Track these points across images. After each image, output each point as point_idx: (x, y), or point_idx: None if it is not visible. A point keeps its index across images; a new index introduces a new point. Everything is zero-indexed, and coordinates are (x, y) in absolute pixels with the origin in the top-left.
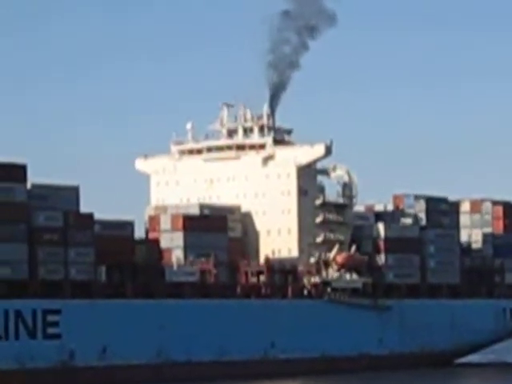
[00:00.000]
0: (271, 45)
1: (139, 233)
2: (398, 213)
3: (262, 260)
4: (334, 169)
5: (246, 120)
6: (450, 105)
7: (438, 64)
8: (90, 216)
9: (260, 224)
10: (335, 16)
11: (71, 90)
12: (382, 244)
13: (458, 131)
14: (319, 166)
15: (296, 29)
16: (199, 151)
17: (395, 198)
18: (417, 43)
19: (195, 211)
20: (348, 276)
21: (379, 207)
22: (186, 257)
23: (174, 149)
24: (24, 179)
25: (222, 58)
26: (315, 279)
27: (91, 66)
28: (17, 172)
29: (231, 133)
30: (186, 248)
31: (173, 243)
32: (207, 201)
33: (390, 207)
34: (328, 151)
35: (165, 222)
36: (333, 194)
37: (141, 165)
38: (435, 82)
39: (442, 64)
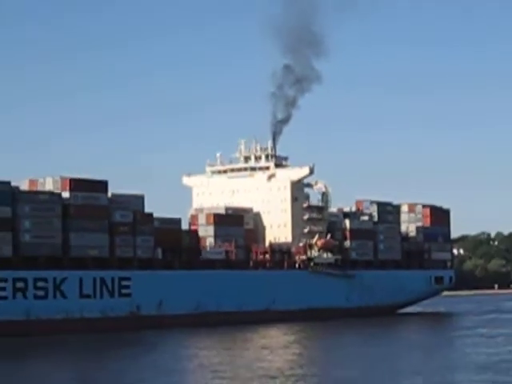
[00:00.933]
0: (275, 91)
1: (184, 226)
2: (358, 213)
3: (267, 244)
4: (316, 183)
5: (256, 150)
6: (395, 141)
7: (386, 109)
8: (150, 215)
9: (266, 220)
10: (321, 76)
11: (142, 133)
12: (347, 233)
13: (398, 158)
14: (306, 181)
15: (294, 79)
16: (225, 171)
17: (357, 202)
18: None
19: (222, 211)
20: (325, 255)
21: (346, 209)
22: (215, 242)
23: (208, 169)
24: (106, 190)
25: (239, 105)
26: (303, 257)
27: (158, 121)
28: (101, 186)
29: (246, 159)
30: (216, 236)
31: (207, 233)
32: (230, 205)
33: (354, 209)
34: (311, 171)
35: (201, 219)
36: (315, 200)
37: (186, 180)
38: (385, 126)
39: (389, 109)
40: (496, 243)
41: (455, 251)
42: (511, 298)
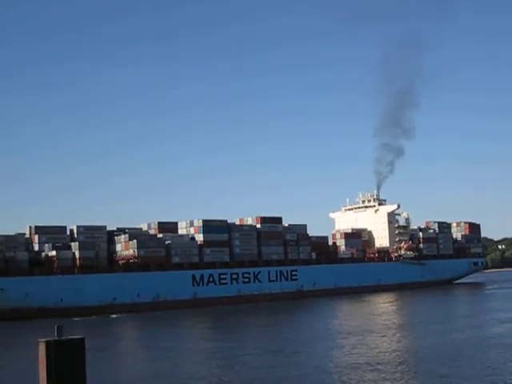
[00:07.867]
0: (378, 157)
1: (329, 240)
2: (427, 228)
3: (375, 248)
4: (402, 212)
5: (368, 196)
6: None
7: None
8: (307, 235)
9: (375, 234)
10: (403, 149)
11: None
12: (421, 240)
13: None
14: (396, 212)
15: (390, 149)
16: (351, 209)
17: (426, 222)
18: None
19: (349, 231)
20: (409, 253)
21: (421, 226)
22: (346, 248)
23: (343, 208)
24: (281, 222)
25: (360, 165)
26: (396, 254)
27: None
28: (278, 219)
29: (363, 201)
30: (346, 245)
31: (341, 243)
32: (354, 227)
33: (424, 226)
34: (399, 206)
35: (338, 236)
36: (402, 222)
37: (331, 215)
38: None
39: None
40: None
41: (499, 246)
42: None
